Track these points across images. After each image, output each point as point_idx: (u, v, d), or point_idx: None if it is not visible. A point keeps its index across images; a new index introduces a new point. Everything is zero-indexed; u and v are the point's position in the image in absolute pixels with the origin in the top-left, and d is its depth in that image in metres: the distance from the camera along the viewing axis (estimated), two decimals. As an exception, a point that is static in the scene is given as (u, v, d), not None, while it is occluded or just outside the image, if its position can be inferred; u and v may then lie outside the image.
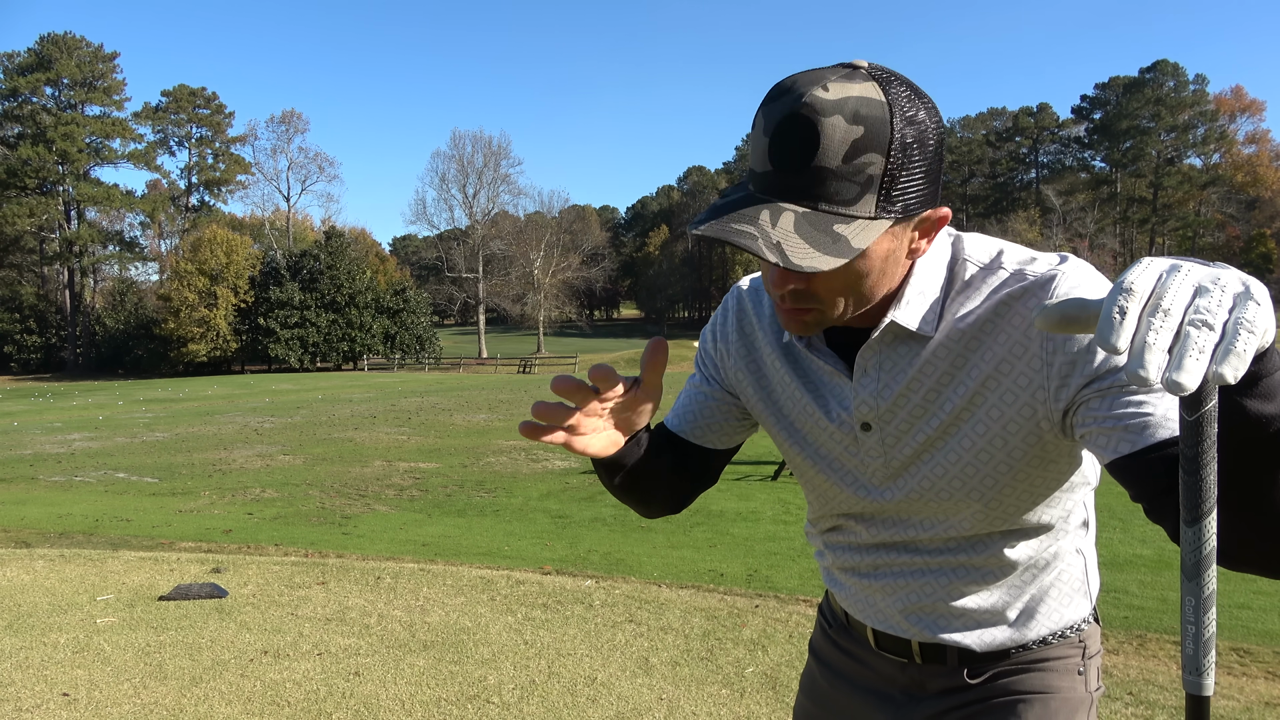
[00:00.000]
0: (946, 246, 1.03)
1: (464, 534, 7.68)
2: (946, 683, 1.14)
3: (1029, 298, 0.96)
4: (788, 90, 0.88)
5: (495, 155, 71.42)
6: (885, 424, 1.05)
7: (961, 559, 1.10)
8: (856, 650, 1.24)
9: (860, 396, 1.06)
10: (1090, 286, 0.94)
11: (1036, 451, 1.00)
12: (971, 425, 1.01)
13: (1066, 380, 0.94)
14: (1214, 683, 0.77)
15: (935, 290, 1.01)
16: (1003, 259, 1.00)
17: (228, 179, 70.34)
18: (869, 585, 1.18)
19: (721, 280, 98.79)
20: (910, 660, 1.17)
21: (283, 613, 4.59)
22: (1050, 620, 1.12)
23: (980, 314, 0.99)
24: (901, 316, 0.99)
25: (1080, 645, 1.14)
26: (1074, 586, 1.13)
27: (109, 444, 15.84)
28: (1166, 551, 6.26)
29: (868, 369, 1.04)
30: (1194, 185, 73.69)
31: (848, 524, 1.18)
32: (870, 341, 1.02)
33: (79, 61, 59.31)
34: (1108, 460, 0.90)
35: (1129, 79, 75.21)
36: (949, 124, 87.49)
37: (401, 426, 17.24)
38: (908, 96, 0.88)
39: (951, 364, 1.00)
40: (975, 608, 1.11)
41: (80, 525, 8.01)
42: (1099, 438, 0.91)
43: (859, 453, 1.09)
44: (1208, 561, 0.73)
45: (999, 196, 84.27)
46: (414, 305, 57.86)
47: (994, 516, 1.06)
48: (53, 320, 58.03)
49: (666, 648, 4.01)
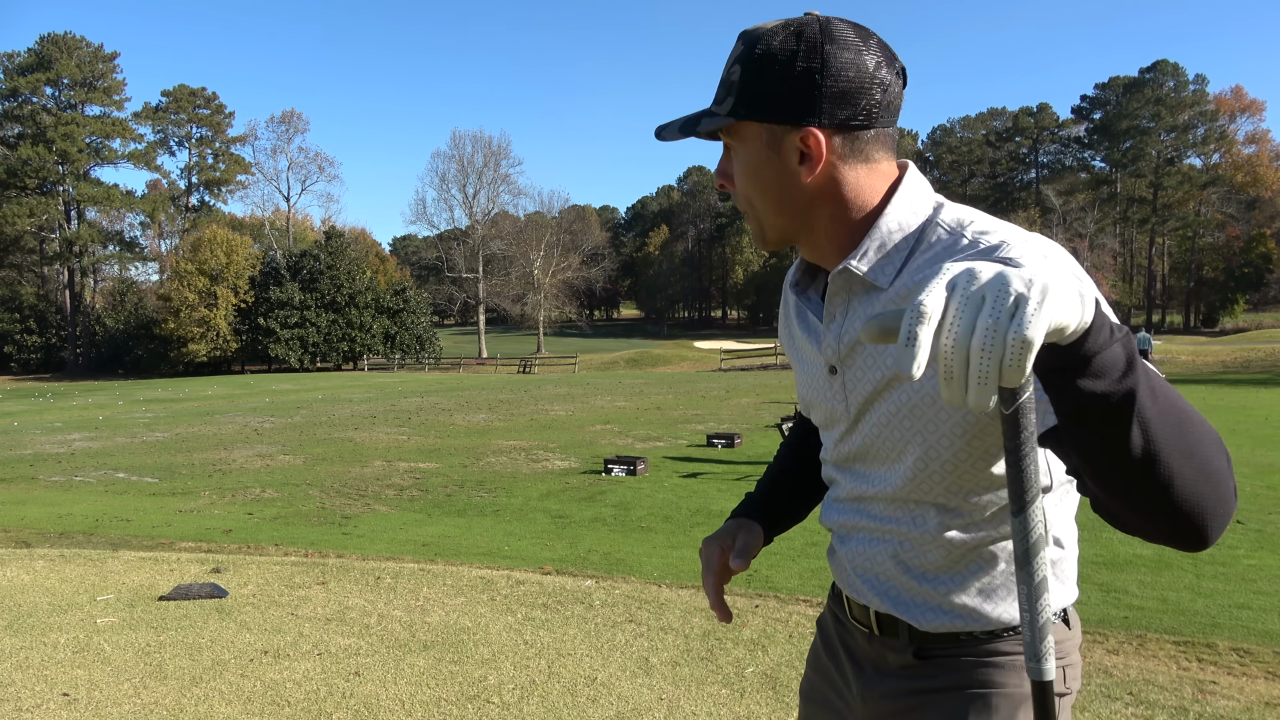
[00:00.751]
0: (927, 207, 1.08)
1: (464, 534, 7.68)
2: (901, 659, 1.17)
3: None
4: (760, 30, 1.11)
5: (495, 155, 71.47)
6: (846, 368, 1.13)
7: (905, 529, 1.13)
8: (843, 616, 1.29)
9: (826, 340, 1.15)
10: (1032, 258, 0.94)
11: (971, 417, 1.02)
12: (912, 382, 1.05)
13: None
14: (1054, 667, 0.79)
15: (901, 246, 1.06)
16: (968, 227, 1.04)
17: (228, 179, 70.34)
18: (843, 550, 1.24)
19: (721, 280, 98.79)
20: (872, 632, 1.21)
21: (283, 613, 4.59)
22: (999, 616, 1.11)
23: (930, 273, 1.01)
24: (854, 264, 1.07)
25: None
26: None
27: (109, 444, 15.84)
28: (1166, 551, 6.26)
29: (835, 315, 1.13)
30: (1194, 185, 73.64)
31: (831, 474, 1.26)
32: (831, 287, 1.12)
33: (79, 61, 59.32)
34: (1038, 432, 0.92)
35: (1129, 79, 75.18)
36: (949, 124, 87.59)
37: (401, 426, 17.24)
38: (799, 26, 1.05)
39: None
40: (919, 586, 1.14)
41: (80, 525, 8.01)
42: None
43: (830, 393, 1.18)
44: (1035, 549, 0.75)
45: (999, 196, 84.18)
46: (414, 305, 57.86)
47: (933, 475, 1.07)
48: (53, 320, 58.04)
49: (666, 648, 4.01)
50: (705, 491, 9.59)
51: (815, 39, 1.03)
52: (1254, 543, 6.54)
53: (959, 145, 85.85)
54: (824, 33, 1.04)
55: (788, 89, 1.04)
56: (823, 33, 1.04)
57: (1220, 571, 5.75)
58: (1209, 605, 4.94)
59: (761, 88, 1.05)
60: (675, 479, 10.54)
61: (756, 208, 1.12)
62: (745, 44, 1.07)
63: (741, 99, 1.07)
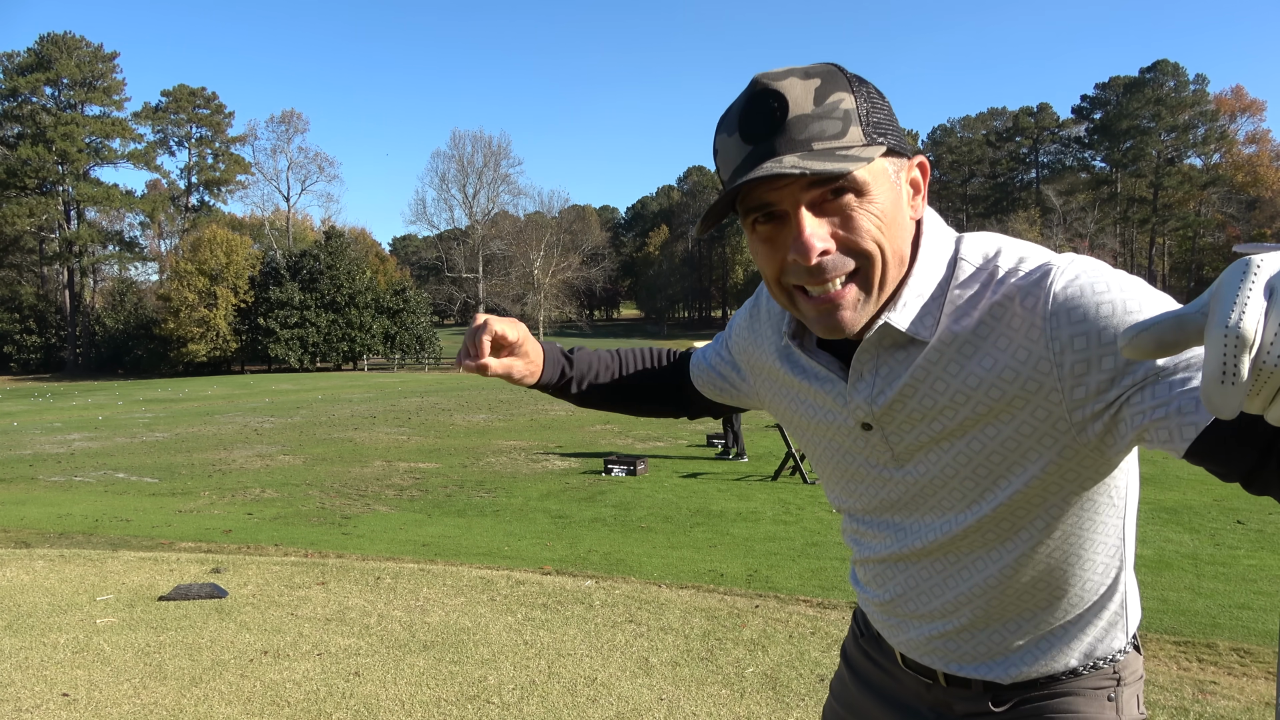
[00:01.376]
0: (949, 246, 1.01)
1: (464, 534, 7.68)
2: (971, 707, 1.14)
3: (1025, 296, 0.92)
4: (742, 95, 0.94)
5: (495, 155, 71.51)
6: (885, 424, 1.04)
7: (973, 585, 1.07)
8: (885, 663, 1.23)
9: (855, 401, 1.04)
10: (1090, 280, 0.89)
11: (1054, 457, 0.95)
12: (980, 431, 0.98)
13: (1081, 379, 0.89)
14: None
15: (933, 292, 0.98)
16: (998, 259, 0.97)
17: (228, 179, 70.37)
18: (887, 608, 1.17)
19: (721, 280, 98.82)
20: (935, 682, 1.16)
21: (283, 613, 4.59)
22: (1079, 653, 1.09)
23: (976, 317, 0.95)
24: (895, 319, 0.97)
25: (1115, 676, 1.11)
26: (1108, 620, 1.10)
27: (109, 444, 15.84)
28: (1166, 552, 6.26)
29: (863, 373, 1.03)
30: (1194, 185, 73.65)
31: (857, 529, 1.18)
32: (865, 344, 1.00)
33: (79, 61, 59.33)
34: (1181, 451, 0.82)
35: (1129, 79, 75.20)
36: (949, 124, 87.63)
37: (401, 426, 17.23)
38: (840, 67, 0.94)
39: (946, 369, 0.97)
40: (997, 643, 1.09)
41: (80, 525, 8.01)
42: (1159, 431, 0.83)
43: (865, 446, 1.09)
44: None
45: (999, 196, 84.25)
46: (414, 305, 57.87)
47: (1004, 520, 1.02)
48: (52, 320, 58.04)
49: (666, 648, 4.01)
50: (705, 491, 9.59)
51: (862, 79, 0.96)
52: (1254, 543, 6.54)
53: (959, 145, 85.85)
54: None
55: (890, 118, 0.94)
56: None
57: (1220, 572, 5.74)
58: (1209, 605, 4.94)
59: (878, 117, 0.92)
60: (675, 479, 10.54)
61: (873, 262, 0.93)
62: (821, 77, 0.91)
63: (870, 125, 0.91)
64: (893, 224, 0.93)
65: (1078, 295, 0.88)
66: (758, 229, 0.94)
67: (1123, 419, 0.88)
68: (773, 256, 0.94)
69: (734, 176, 0.91)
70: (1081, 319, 0.87)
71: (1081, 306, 0.88)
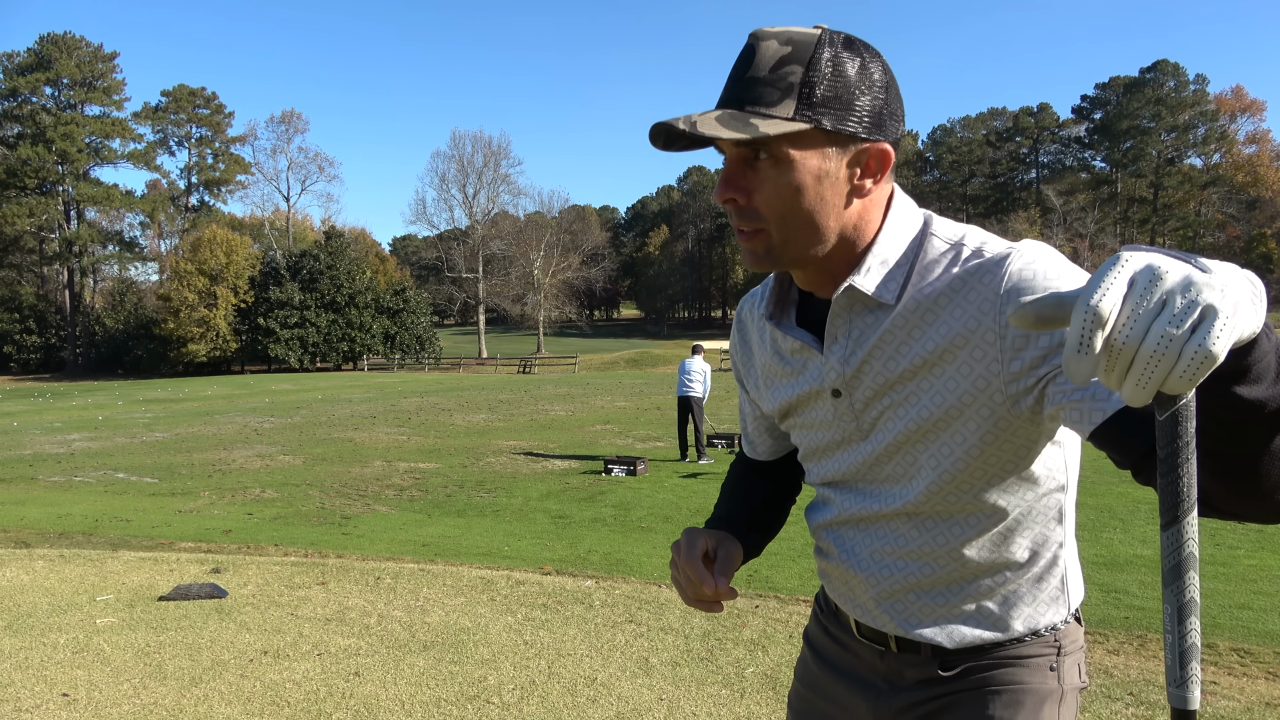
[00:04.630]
0: (918, 222, 1.07)
1: (464, 534, 7.68)
2: (921, 674, 1.18)
3: (984, 274, 0.99)
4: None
5: (495, 155, 71.48)
6: (853, 389, 1.10)
7: (923, 546, 1.13)
8: (843, 637, 1.28)
9: (829, 363, 1.11)
10: (1044, 267, 0.96)
11: (989, 426, 1.02)
12: (930, 394, 1.04)
13: (1019, 353, 0.96)
14: (1199, 694, 0.70)
15: (900, 260, 1.05)
16: (966, 238, 1.04)
17: (227, 179, 70.35)
18: (850, 573, 1.21)
19: (721, 280, 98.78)
20: (888, 649, 1.20)
21: (283, 613, 4.59)
22: (1022, 623, 1.14)
23: (939, 287, 1.02)
24: (860, 281, 1.04)
25: (1055, 644, 1.16)
26: (1049, 594, 1.15)
27: (109, 444, 15.84)
28: (1167, 551, 6.26)
29: (837, 336, 1.10)
30: (1194, 185, 73.68)
31: (827, 495, 1.23)
32: (834, 306, 1.08)
33: (79, 61, 59.31)
34: (1086, 433, 0.90)
35: (1129, 79, 75.21)
36: (949, 124, 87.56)
37: (401, 426, 17.23)
38: (849, 39, 0.99)
39: (909, 333, 1.04)
40: (943, 604, 1.15)
41: (80, 525, 8.01)
42: (1072, 412, 0.92)
43: (835, 416, 1.15)
44: (1187, 564, 0.68)
45: (999, 196, 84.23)
46: (414, 305, 57.84)
47: (948, 488, 1.07)
48: (52, 320, 58.02)
49: (666, 648, 4.01)
50: (705, 491, 9.58)
51: (872, 53, 1.00)
52: (1254, 543, 6.54)
53: (959, 145, 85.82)
54: (870, 48, 1.00)
55: (866, 100, 0.98)
56: (869, 48, 1.00)
57: (1221, 572, 5.74)
58: (1209, 605, 4.94)
59: (834, 93, 0.96)
60: (675, 479, 10.54)
61: (778, 226, 1.01)
62: (796, 45, 0.96)
63: (806, 103, 0.95)
64: (807, 198, 0.99)
65: (1030, 278, 0.95)
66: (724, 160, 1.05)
67: (1046, 394, 0.95)
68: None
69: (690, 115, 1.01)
70: (1029, 297, 0.93)
71: (1032, 287, 0.95)
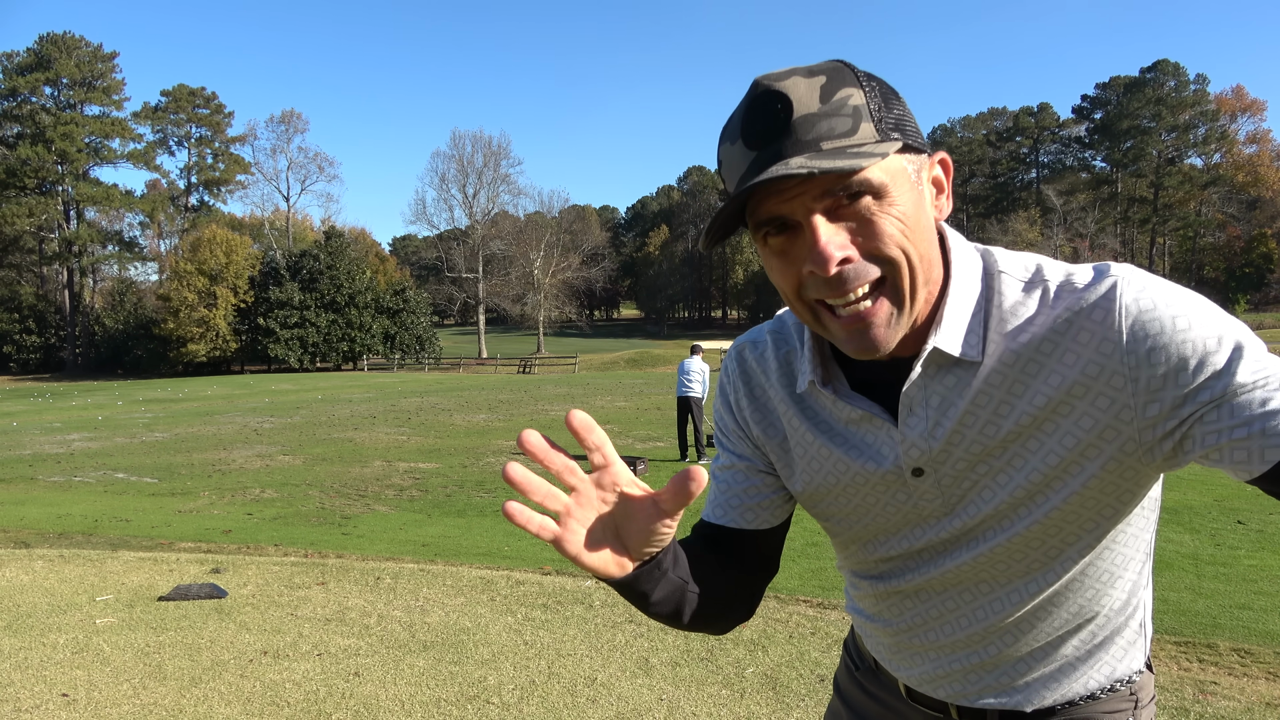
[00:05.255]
0: (976, 262, 0.94)
1: (464, 534, 7.68)
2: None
3: (1094, 310, 0.86)
4: (744, 99, 0.87)
5: (495, 155, 71.53)
6: (940, 465, 0.94)
7: (1003, 610, 1.00)
8: (885, 697, 1.16)
9: (909, 439, 0.94)
10: (1155, 293, 0.85)
11: (1108, 475, 0.89)
12: (1040, 454, 0.90)
13: (1156, 394, 0.83)
14: None
15: (973, 309, 0.90)
16: (1044, 271, 0.91)
17: (227, 179, 70.37)
18: (898, 640, 1.08)
19: (721, 281, 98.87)
20: (947, 715, 1.09)
21: (282, 613, 4.59)
22: (1102, 674, 1.03)
23: (1037, 332, 0.88)
24: (943, 341, 0.88)
25: (1132, 698, 1.06)
26: (1130, 638, 1.05)
27: (108, 444, 15.83)
28: (1167, 552, 6.25)
29: (914, 407, 0.93)
30: (1195, 185, 73.72)
31: (881, 569, 1.08)
32: (914, 375, 0.91)
33: (78, 61, 59.33)
34: (1259, 472, 0.79)
35: (1129, 79, 75.26)
36: (949, 124, 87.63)
37: (401, 427, 17.23)
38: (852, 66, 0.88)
39: (1009, 390, 0.89)
40: (1021, 675, 1.04)
41: (80, 525, 8.00)
42: (1234, 452, 0.80)
43: (910, 499, 0.98)
44: None
45: (999, 196, 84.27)
46: (414, 305, 57.86)
47: (1050, 551, 0.96)
48: (52, 320, 58.03)
49: (666, 648, 4.00)
50: (705, 491, 9.57)
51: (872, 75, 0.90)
52: (1255, 543, 6.53)
53: (959, 145, 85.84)
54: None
55: (908, 114, 0.88)
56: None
57: (1221, 572, 5.74)
58: (1210, 605, 4.94)
59: (891, 110, 0.85)
60: (675, 479, 10.53)
61: (906, 267, 0.85)
62: (826, 74, 0.83)
63: (881, 122, 0.83)
64: (917, 227, 0.85)
65: (1150, 307, 0.83)
66: (769, 242, 0.85)
67: (1192, 436, 0.83)
68: (788, 270, 0.85)
69: (739, 185, 0.83)
70: (1159, 332, 0.82)
71: (1158, 319, 0.83)
